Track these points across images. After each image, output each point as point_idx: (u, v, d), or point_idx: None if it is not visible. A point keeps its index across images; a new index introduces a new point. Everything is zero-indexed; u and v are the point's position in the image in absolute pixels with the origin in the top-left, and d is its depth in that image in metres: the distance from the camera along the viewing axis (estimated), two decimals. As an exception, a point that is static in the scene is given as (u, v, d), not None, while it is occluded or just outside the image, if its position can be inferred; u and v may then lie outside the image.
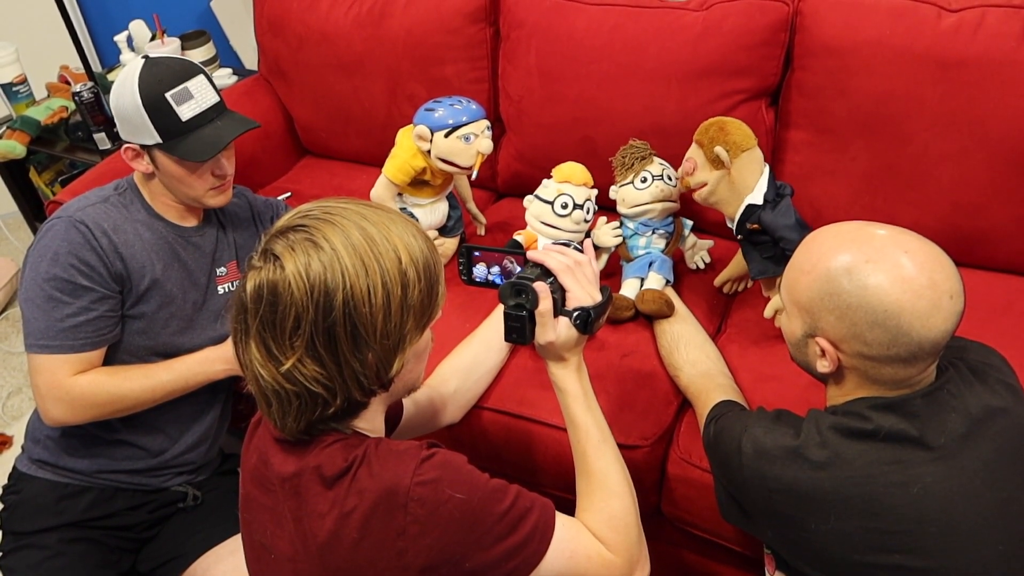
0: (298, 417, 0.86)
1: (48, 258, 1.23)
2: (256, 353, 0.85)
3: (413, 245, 0.87)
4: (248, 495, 0.97)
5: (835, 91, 1.51)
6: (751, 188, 1.29)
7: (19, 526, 1.36)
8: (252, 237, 1.50)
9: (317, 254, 0.82)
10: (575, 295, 1.02)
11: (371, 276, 0.82)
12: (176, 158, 1.26)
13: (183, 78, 1.26)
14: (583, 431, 1.04)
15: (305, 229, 0.84)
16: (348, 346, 0.83)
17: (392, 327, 0.85)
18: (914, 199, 1.51)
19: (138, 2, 2.70)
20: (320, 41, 1.95)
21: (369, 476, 0.85)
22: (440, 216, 1.61)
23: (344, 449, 0.87)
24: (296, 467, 0.88)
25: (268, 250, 0.84)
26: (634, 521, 1.00)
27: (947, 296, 0.87)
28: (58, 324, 1.23)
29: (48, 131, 2.28)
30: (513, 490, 0.90)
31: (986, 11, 1.40)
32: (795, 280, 0.95)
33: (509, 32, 1.79)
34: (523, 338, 1.03)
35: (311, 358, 0.83)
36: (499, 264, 1.12)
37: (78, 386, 1.25)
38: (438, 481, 0.84)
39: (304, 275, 0.81)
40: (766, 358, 1.38)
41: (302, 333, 0.82)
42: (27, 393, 2.28)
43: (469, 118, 1.45)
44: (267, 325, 0.83)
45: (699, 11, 1.59)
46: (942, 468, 0.89)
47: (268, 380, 0.84)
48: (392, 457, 0.86)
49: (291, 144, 2.22)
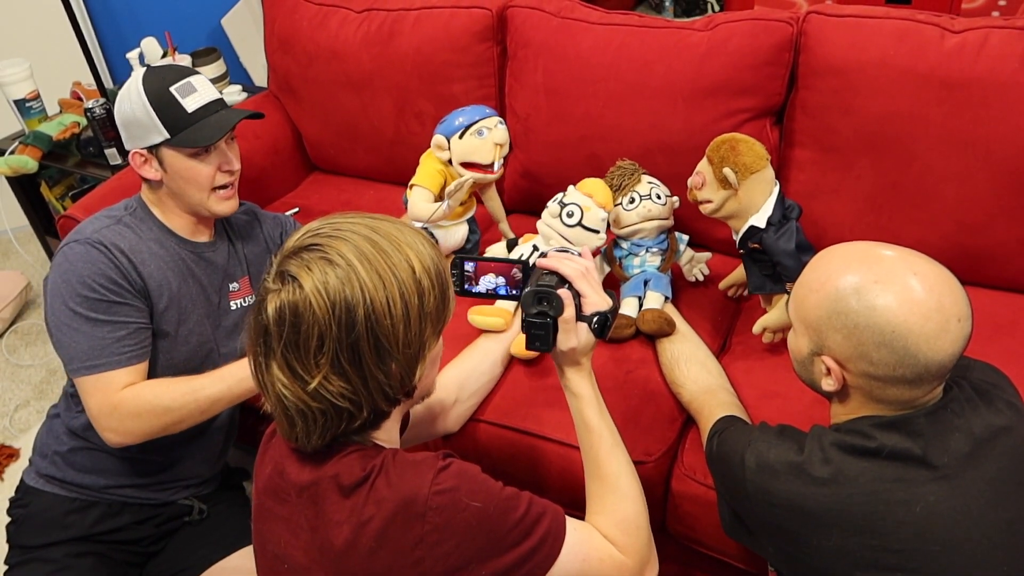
0: (323, 433, 0.87)
1: (74, 281, 1.23)
2: (279, 374, 0.85)
3: (424, 253, 0.88)
4: (262, 506, 0.98)
5: (839, 110, 1.52)
6: (758, 208, 1.30)
7: (26, 540, 1.36)
8: (263, 253, 1.52)
9: (333, 271, 0.83)
10: (591, 300, 1.05)
11: (388, 288, 0.84)
12: (185, 152, 1.28)
13: (184, 75, 1.30)
14: (596, 434, 1.05)
15: (318, 248, 0.85)
16: (372, 359, 0.84)
17: (413, 336, 0.86)
18: (918, 218, 1.52)
19: (150, 20, 2.73)
20: (329, 59, 1.98)
21: (387, 486, 0.86)
22: (460, 238, 1.62)
23: (362, 459, 0.89)
24: (313, 476, 0.90)
25: (283, 271, 0.85)
26: (644, 523, 1.02)
27: (955, 319, 0.88)
28: (100, 341, 1.23)
29: (60, 146, 2.30)
30: (526, 497, 0.91)
31: (990, 32, 1.41)
32: (803, 298, 0.96)
33: (516, 51, 1.80)
34: (547, 345, 1.04)
35: (336, 374, 0.84)
36: (505, 275, 1.12)
37: (125, 400, 1.24)
38: (455, 490, 0.86)
39: (324, 293, 0.82)
40: (770, 375, 1.39)
41: (327, 351, 0.83)
42: (34, 406, 2.29)
43: (480, 116, 1.50)
44: (291, 347, 0.84)
45: (704, 31, 1.60)
46: (945, 487, 0.89)
47: (293, 400, 0.85)
48: (409, 467, 0.87)
49: (300, 160, 2.24)
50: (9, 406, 2.30)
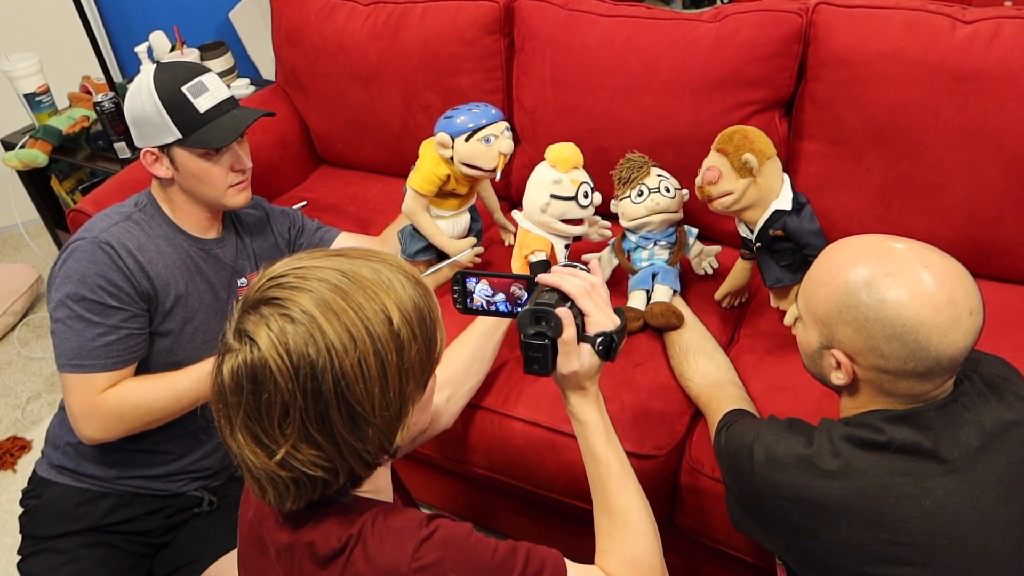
0: (297, 499, 0.79)
1: (75, 280, 1.24)
2: (244, 441, 0.77)
3: (403, 298, 0.78)
4: (244, 553, 0.92)
5: (849, 102, 1.51)
6: (777, 194, 1.29)
7: (39, 530, 1.37)
8: (271, 247, 1.52)
9: (294, 328, 0.73)
10: (595, 320, 0.96)
11: (361, 347, 0.74)
12: (197, 153, 1.28)
13: (196, 73, 1.29)
14: (604, 465, 0.97)
15: (278, 302, 0.75)
16: (345, 426, 0.76)
17: (392, 396, 0.77)
18: (929, 210, 1.51)
19: (158, 13, 2.74)
20: (337, 52, 1.98)
21: (364, 559, 0.78)
22: (462, 228, 1.62)
23: (339, 525, 0.81)
24: (289, 539, 0.83)
25: (241, 329, 0.76)
26: (659, 563, 0.95)
27: (966, 312, 0.87)
28: (89, 343, 1.24)
29: (70, 140, 2.32)
30: (522, 553, 0.83)
31: (1001, 23, 1.40)
32: (813, 291, 0.96)
33: (523, 43, 1.80)
34: (545, 369, 0.96)
35: (306, 443, 0.75)
36: (504, 291, 1.03)
37: (106, 401, 1.26)
38: (438, 564, 0.78)
39: (284, 356, 0.73)
40: (779, 368, 1.38)
41: (292, 420, 0.74)
42: (46, 398, 2.31)
43: (488, 120, 1.47)
44: (252, 416, 0.75)
45: (712, 23, 1.59)
46: (955, 481, 0.89)
47: (261, 468, 0.77)
48: (390, 537, 0.79)
49: (307, 153, 2.24)
50: (21, 398, 2.32)
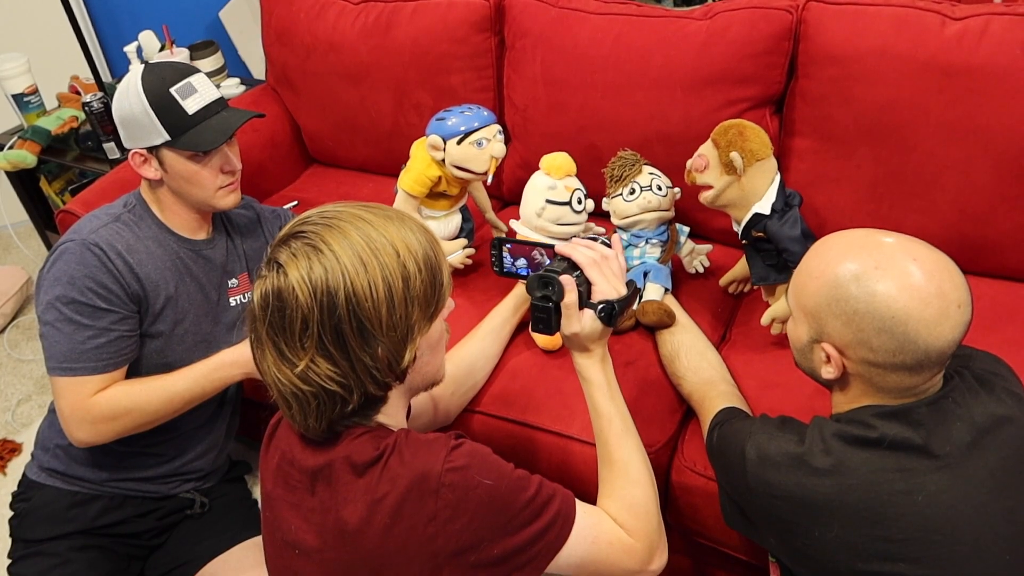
0: (319, 417, 0.89)
1: (64, 282, 1.23)
2: (271, 358, 0.88)
3: (411, 238, 0.90)
4: (270, 495, 0.99)
5: (839, 99, 1.51)
6: (760, 196, 1.29)
7: (29, 534, 1.37)
8: (261, 247, 1.51)
9: (318, 257, 0.85)
10: (600, 288, 1.06)
11: (370, 272, 0.86)
12: (185, 155, 1.27)
13: (185, 74, 1.28)
14: (606, 419, 1.07)
15: (305, 236, 0.88)
16: (356, 341, 0.86)
17: (398, 318, 0.88)
18: (920, 207, 1.51)
19: (147, 13, 2.73)
20: (327, 51, 1.97)
21: (401, 464, 0.88)
22: (454, 227, 1.62)
23: (373, 440, 0.91)
24: (324, 459, 0.92)
25: (273, 259, 0.88)
26: (654, 508, 1.04)
27: (955, 305, 0.87)
28: (79, 346, 1.24)
29: (58, 141, 2.30)
30: (536, 479, 0.93)
31: (990, 19, 1.40)
32: (803, 285, 0.96)
33: (514, 41, 1.80)
34: (549, 328, 1.07)
35: (323, 357, 0.86)
36: (527, 256, 1.16)
37: (98, 404, 1.25)
38: (468, 468, 0.87)
39: (307, 280, 0.85)
40: (771, 365, 1.38)
41: (311, 334, 0.85)
42: (36, 400, 2.30)
43: (480, 123, 1.46)
44: (277, 330, 0.87)
45: (703, 20, 1.59)
46: (947, 477, 0.89)
47: (286, 383, 0.88)
48: (423, 446, 0.89)
49: (298, 153, 2.23)
50: (11, 401, 2.31)
